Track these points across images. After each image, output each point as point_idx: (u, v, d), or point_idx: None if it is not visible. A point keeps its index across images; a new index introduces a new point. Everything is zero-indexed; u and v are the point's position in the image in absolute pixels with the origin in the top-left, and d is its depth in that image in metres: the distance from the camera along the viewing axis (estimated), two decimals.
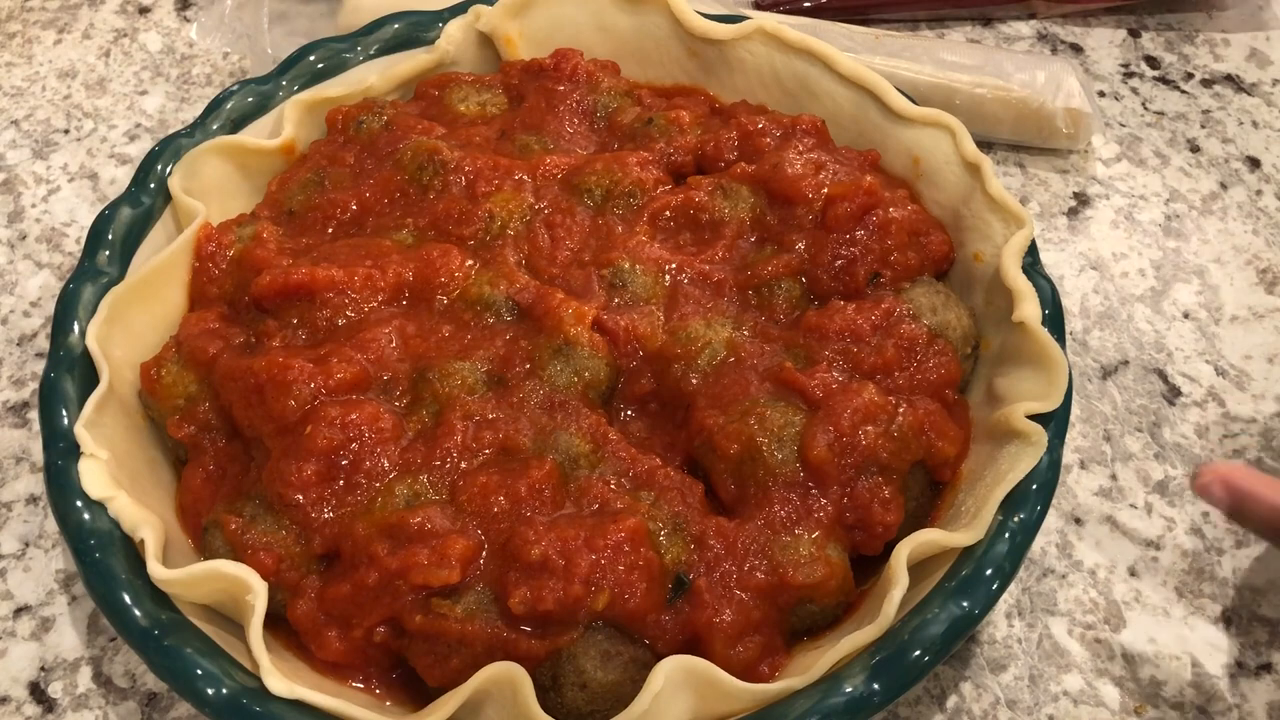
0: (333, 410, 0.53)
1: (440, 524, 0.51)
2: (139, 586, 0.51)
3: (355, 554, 0.51)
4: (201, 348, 0.58)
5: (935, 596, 0.50)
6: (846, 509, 0.53)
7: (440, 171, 0.64)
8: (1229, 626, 0.60)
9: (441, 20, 0.72)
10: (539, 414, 0.55)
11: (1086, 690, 0.58)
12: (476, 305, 0.59)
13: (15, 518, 0.65)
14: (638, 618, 0.49)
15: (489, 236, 0.62)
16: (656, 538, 0.51)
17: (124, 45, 0.89)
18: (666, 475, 0.54)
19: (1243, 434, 0.67)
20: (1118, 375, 0.69)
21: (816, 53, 0.68)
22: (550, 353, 0.57)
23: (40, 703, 0.58)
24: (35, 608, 0.61)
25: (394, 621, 0.51)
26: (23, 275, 0.75)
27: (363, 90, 0.70)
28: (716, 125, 0.68)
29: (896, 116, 0.66)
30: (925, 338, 0.57)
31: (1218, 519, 0.64)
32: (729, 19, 0.71)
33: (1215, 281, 0.74)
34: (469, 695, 0.47)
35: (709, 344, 0.57)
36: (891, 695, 0.48)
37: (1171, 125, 0.83)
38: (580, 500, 0.52)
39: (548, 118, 0.68)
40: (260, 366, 0.54)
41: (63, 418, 0.56)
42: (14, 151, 0.82)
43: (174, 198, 0.64)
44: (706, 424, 0.54)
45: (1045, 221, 0.77)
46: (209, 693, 0.48)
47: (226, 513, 0.53)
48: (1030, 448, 0.53)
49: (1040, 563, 0.62)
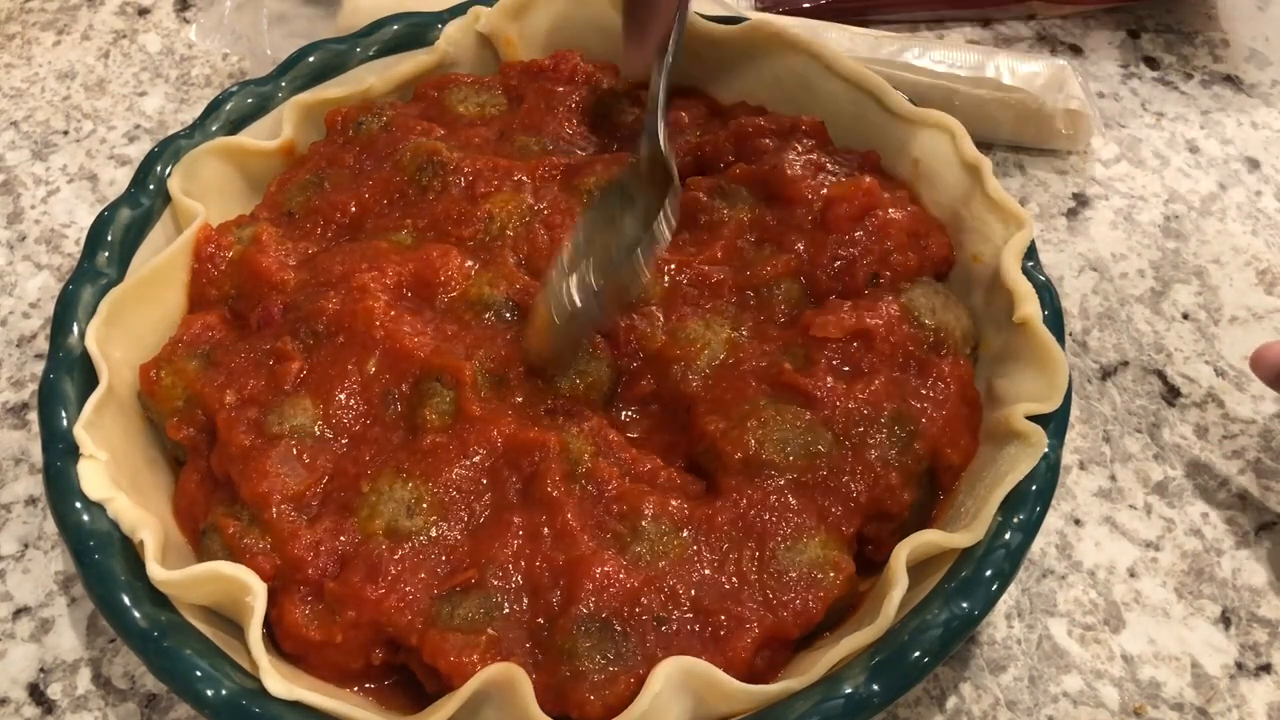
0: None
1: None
2: (138, 588, 0.51)
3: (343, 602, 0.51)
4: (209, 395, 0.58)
5: (935, 597, 0.50)
6: (854, 508, 0.53)
7: (439, 172, 0.64)
8: (1228, 627, 0.60)
9: (441, 21, 0.72)
10: (541, 415, 0.55)
11: (1086, 691, 0.58)
12: (476, 305, 0.59)
13: (14, 519, 0.65)
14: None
15: (488, 237, 0.62)
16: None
17: (123, 46, 0.89)
18: (668, 476, 0.54)
19: (1242, 435, 0.67)
20: (1117, 376, 0.69)
21: (816, 53, 0.68)
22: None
23: (39, 704, 0.58)
24: (34, 609, 0.61)
25: (391, 642, 0.51)
26: (22, 276, 0.75)
27: (362, 91, 0.70)
28: (716, 126, 0.68)
29: (896, 117, 0.66)
30: (927, 339, 0.57)
31: (1217, 519, 0.64)
32: (728, 20, 0.71)
33: (1215, 282, 0.74)
34: (468, 697, 0.47)
35: (708, 344, 0.57)
36: (891, 696, 0.48)
37: (1171, 126, 0.83)
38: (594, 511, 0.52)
39: (547, 119, 0.68)
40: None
41: (62, 419, 0.56)
42: (13, 153, 0.82)
43: (173, 199, 0.64)
44: (708, 430, 0.54)
45: (1045, 222, 0.77)
46: (208, 694, 0.48)
47: (225, 516, 0.53)
48: (1030, 449, 0.53)
49: (1040, 563, 0.62)
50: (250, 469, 0.53)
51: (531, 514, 0.52)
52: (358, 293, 0.58)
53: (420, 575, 0.51)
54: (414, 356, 0.56)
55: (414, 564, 0.51)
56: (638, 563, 0.51)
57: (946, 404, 0.55)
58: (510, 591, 0.50)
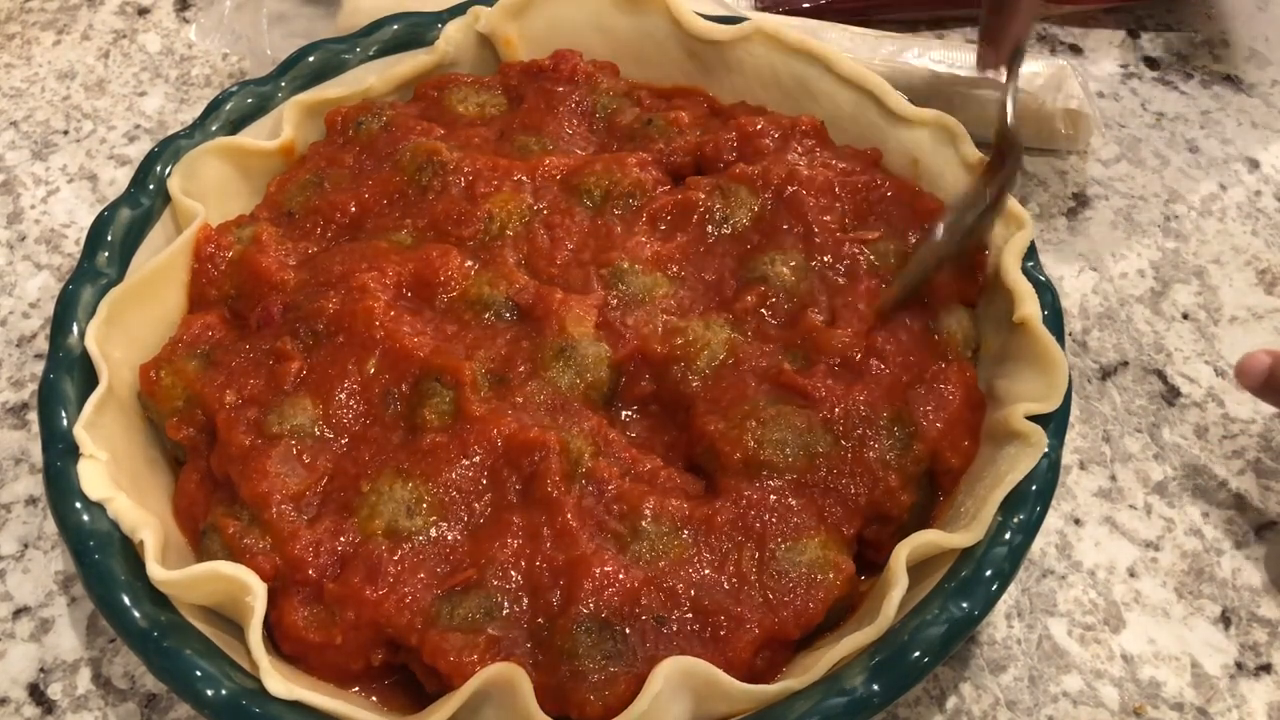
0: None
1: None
2: (138, 588, 0.51)
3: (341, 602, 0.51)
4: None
5: (935, 597, 0.50)
6: (854, 509, 0.53)
7: (439, 172, 0.64)
8: (1228, 627, 0.60)
9: (441, 21, 0.72)
10: (542, 415, 0.55)
11: (1086, 691, 0.58)
12: (476, 305, 0.59)
13: (14, 519, 0.65)
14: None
15: (488, 237, 0.62)
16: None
17: (123, 46, 0.89)
18: (669, 476, 0.54)
19: (1242, 435, 0.67)
20: (1117, 376, 0.69)
21: (816, 54, 0.68)
22: (552, 354, 0.57)
23: (39, 704, 0.58)
24: (34, 609, 0.61)
25: (391, 642, 0.51)
26: (22, 276, 0.75)
27: (362, 91, 0.70)
28: (716, 126, 0.68)
29: (896, 117, 0.66)
30: (929, 341, 0.57)
31: (1217, 519, 0.64)
32: (728, 20, 0.71)
33: (1214, 282, 0.74)
34: (468, 697, 0.47)
35: (708, 344, 0.57)
36: (891, 696, 0.48)
37: (1171, 126, 0.83)
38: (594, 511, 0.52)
39: (547, 118, 0.68)
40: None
41: (62, 419, 0.56)
42: (13, 153, 0.82)
43: (173, 199, 0.64)
44: (708, 430, 0.54)
45: (1044, 222, 0.77)
46: (208, 694, 0.48)
47: (225, 516, 0.53)
48: (1030, 449, 0.53)
49: (1040, 563, 0.62)
50: (250, 469, 0.53)
51: (531, 514, 0.52)
52: (358, 293, 0.58)
53: (420, 575, 0.51)
54: (414, 356, 0.56)
55: (414, 564, 0.51)
56: (637, 563, 0.51)
57: (951, 408, 0.55)
58: (510, 591, 0.50)
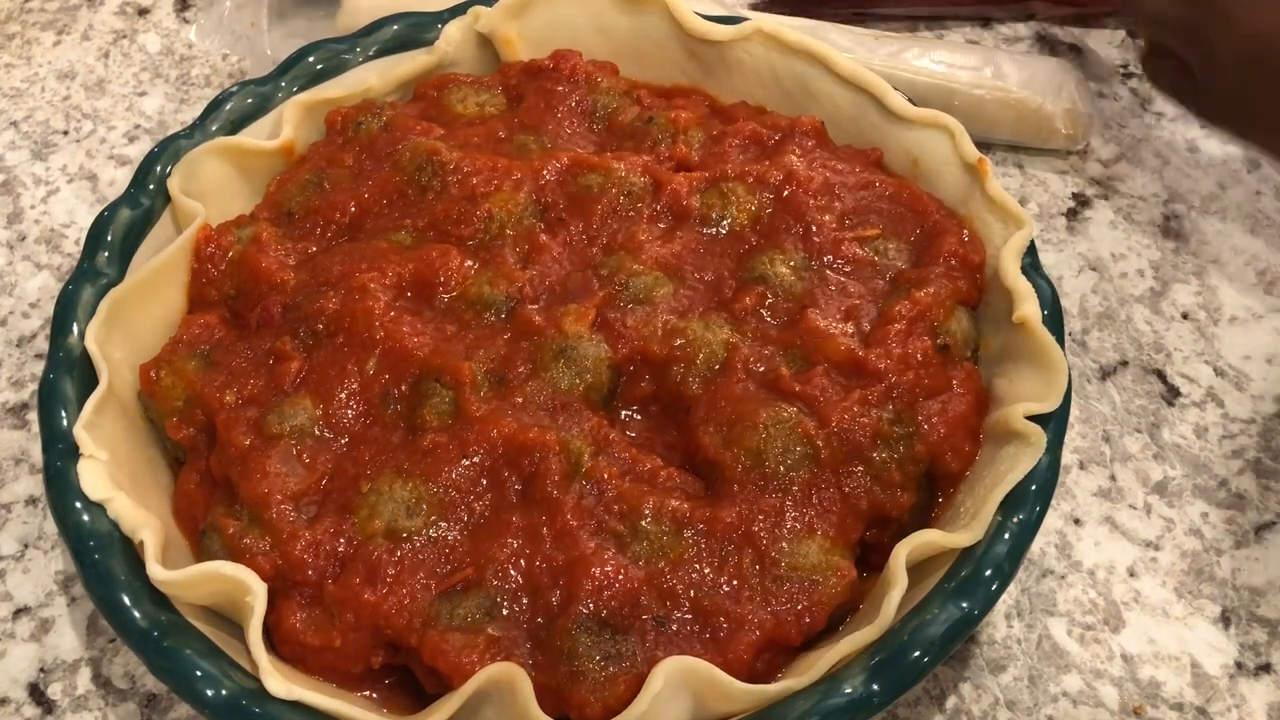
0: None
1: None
2: (138, 588, 0.51)
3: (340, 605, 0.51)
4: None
5: (934, 597, 0.50)
6: (854, 512, 0.53)
7: (439, 172, 0.64)
8: (1228, 627, 0.60)
9: (440, 21, 0.72)
10: (541, 415, 0.55)
11: (1086, 691, 0.58)
12: (476, 305, 0.59)
13: (14, 519, 0.65)
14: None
15: (488, 237, 0.62)
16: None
17: (123, 46, 0.89)
18: (669, 476, 0.54)
19: (1241, 434, 0.67)
20: (1117, 376, 0.69)
21: (816, 54, 0.68)
22: (552, 354, 0.57)
23: (40, 704, 0.58)
24: (34, 609, 0.61)
25: (390, 643, 0.51)
26: (22, 276, 0.75)
27: (362, 91, 0.70)
28: (716, 125, 0.68)
29: (895, 117, 0.66)
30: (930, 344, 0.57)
31: (1217, 519, 0.64)
32: (728, 20, 0.71)
33: (1214, 282, 0.74)
34: (468, 697, 0.47)
35: (708, 345, 0.57)
36: (891, 696, 0.48)
37: (1170, 126, 0.83)
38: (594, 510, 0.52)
39: (546, 118, 0.68)
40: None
41: (62, 419, 0.56)
42: (13, 153, 0.82)
43: (173, 199, 0.64)
44: (708, 437, 0.54)
45: (1044, 222, 0.77)
46: (208, 694, 0.48)
47: (225, 516, 0.53)
48: (1029, 448, 0.53)
49: (1039, 563, 0.62)
50: (250, 469, 0.53)
51: (531, 514, 0.52)
52: (357, 293, 0.58)
53: (419, 575, 0.51)
54: (414, 356, 0.56)
55: (413, 564, 0.51)
56: (637, 563, 0.50)
57: (956, 410, 0.55)
58: (510, 591, 0.50)
